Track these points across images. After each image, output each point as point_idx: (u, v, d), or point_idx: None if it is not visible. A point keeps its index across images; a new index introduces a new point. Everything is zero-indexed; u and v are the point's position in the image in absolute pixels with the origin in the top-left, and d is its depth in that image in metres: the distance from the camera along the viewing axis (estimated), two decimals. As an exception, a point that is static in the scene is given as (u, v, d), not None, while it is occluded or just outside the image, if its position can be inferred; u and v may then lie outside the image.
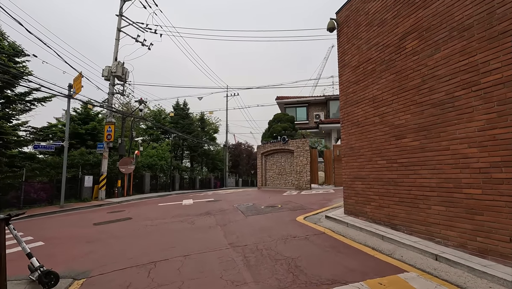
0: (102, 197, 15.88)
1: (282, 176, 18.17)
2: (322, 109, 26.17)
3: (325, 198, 9.95)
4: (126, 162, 17.55)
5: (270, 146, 18.82)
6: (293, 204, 8.92)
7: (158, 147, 24.03)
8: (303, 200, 9.81)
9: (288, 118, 22.67)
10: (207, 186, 31.04)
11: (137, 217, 8.83)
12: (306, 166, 16.48)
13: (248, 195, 14.18)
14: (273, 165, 18.89)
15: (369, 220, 5.58)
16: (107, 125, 16.29)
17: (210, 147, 34.67)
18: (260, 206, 9.10)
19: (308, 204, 8.89)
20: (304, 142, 16.78)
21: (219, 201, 11.89)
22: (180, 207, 10.77)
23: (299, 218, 6.73)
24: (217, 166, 36.25)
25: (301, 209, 7.86)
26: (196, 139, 27.87)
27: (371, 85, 5.69)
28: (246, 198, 12.51)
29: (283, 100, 26.55)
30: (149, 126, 28.37)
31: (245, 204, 9.77)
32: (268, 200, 10.87)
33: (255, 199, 11.69)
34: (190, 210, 9.63)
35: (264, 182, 19.32)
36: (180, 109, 28.90)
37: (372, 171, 5.59)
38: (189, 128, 27.88)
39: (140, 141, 20.82)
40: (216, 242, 5.05)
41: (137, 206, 12.78)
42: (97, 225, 7.92)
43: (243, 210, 8.36)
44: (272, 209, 8.15)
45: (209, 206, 10.33)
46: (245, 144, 56.02)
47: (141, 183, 19.95)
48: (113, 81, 16.86)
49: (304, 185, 16.27)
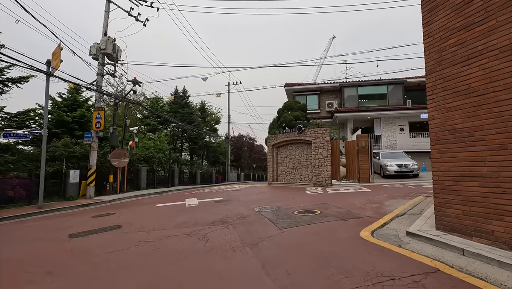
0: (91, 194, 13.68)
1: (297, 170, 16.02)
2: (335, 98, 23.95)
3: (368, 199, 7.83)
4: (119, 154, 15.32)
5: (283, 136, 16.62)
6: (334, 208, 6.78)
7: (156, 138, 21.76)
8: (341, 202, 7.68)
9: (300, 106, 20.44)
10: (208, 181, 28.91)
11: (129, 225, 6.66)
12: (327, 159, 14.33)
13: (262, 193, 12.04)
14: (286, 158, 16.72)
15: (501, 246, 3.43)
16: (95, 112, 13.98)
17: (211, 139, 32.42)
18: (289, 210, 6.96)
19: (353, 208, 6.76)
20: (324, 132, 14.59)
21: (231, 201, 9.73)
22: (183, 209, 8.61)
23: (364, 233, 4.59)
24: (219, 159, 34.09)
25: (354, 218, 5.72)
26: (197, 130, 25.59)
27: (504, 26, 3.47)
28: (262, 197, 10.37)
29: (292, 87, 24.27)
30: (145, 116, 26.01)
31: (268, 207, 7.62)
32: (293, 200, 8.74)
33: (275, 199, 9.55)
34: (197, 214, 7.47)
35: (275, 177, 17.18)
36: (179, 97, 26.51)
37: (504, 166, 3.43)
38: (189, 118, 25.58)
39: (135, 131, 18.55)
40: (255, 286, 2.91)
41: (131, 206, 10.60)
42: (74, 238, 5.77)
43: (271, 218, 6.20)
44: (312, 217, 6.00)
45: (221, 208, 8.17)
46: (246, 137, 53.87)
47: (137, 178, 17.74)
48: (103, 60, 14.48)
49: (324, 181, 14.15)
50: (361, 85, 22.86)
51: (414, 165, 14.47)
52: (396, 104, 21.58)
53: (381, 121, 20.87)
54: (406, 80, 21.80)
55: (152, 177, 19.49)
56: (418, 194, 8.30)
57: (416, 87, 22.55)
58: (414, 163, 14.59)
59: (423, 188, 9.77)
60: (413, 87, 22.52)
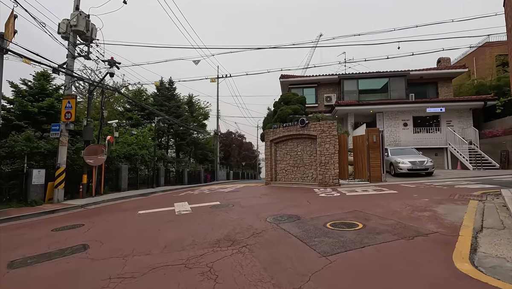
0: (59, 198, 11.54)
1: (299, 168, 14.41)
2: (334, 91, 22.53)
3: (408, 204, 6.28)
4: (94, 150, 13.18)
5: (283, 130, 14.94)
6: (377, 219, 5.16)
7: (139, 132, 19.55)
8: (376, 208, 6.08)
9: (298, 99, 18.83)
10: (196, 180, 26.89)
11: (99, 245, 4.80)
12: (334, 155, 12.79)
13: (265, 195, 10.34)
14: (287, 154, 15.07)
15: None
16: (65, 100, 11.81)
17: (199, 135, 30.32)
18: (317, 221, 5.28)
19: (400, 217, 5.17)
20: (331, 126, 13.03)
21: (231, 206, 7.96)
22: (172, 219, 6.76)
23: (462, 265, 2.98)
24: (207, 157, 32.08)
25: (419, 235, 4.10)
26: (185, 125, 23.49)
27: None
28: (267, 201, 8.67)
29: (288, 79, 22.65)
30: (128, 109, 23.64)
31: (285, 216, 5.91)
32: (310, 206, 7.08)
33: (285, 203, 7.86)
34: (192, 227, 5.67)
35: (274, 175, 15.50)
36: (164, 89, 24.29)
37: None
38: (175, 112, 23.44)
39: (115, 125, 16.34)
40: None
41: (107, 213, 8.62)
42: (14, 269, 3.91)
43: (299, 234, 4.50)
44: (356, 234, 4.34)
45: (222, 218, 6.39)
46: (235, 133, 52.00)
47: (117, 178, 15.59)
48: (74, 40, 12.27)
49: (331, 180, 12.61)
50: (362, 78, 21.53)
51: (428, 162, 13.18)
52: (398, 98, 20.38)
53: (384, 115, 19.61)
54: (409, 72, 20.64)
55: (134, 176, 17.37)
56: (464, 196, 6.83)
57: (418, 80, 21.46)
58: (428, 160, 13.30)
59: (457, 189, 8.34)
60: (415, 80, 21.42)
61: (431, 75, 21.01)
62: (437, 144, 18.33)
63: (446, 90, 21.19)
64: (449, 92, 21.15)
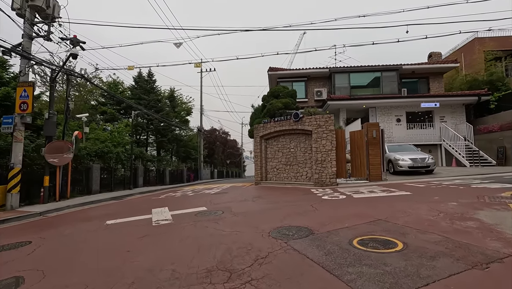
0: (14, 204, 9.75)
1: (292, 166, 13.24)
2: (324, 85, 21.56)
3: (434, 209, 5.21)
4: (59, 147, 11.42)
5: (274, 125, 13.71)
6: (415, 233, 4.03)
7: (113, 128, 17.66)
8: (404, 217, 4.96)
9: (288, 92, 17.66)
10: (179, 180, 25.22)
11: (38, 280, 3.36)
12: (331, 152, 11.72)
13: (258, 198, 9.06)
14: (278, 151, 13.86)
15: None
16: (19, 88, 9.97)
17: (181, 132, 28.53)
18: (338, 237, 4.07)
19: (440, 229, 4.08)
20: (328, 120, 11.94)
21: (220, 214, 6.62)
22: (148, 233, 5.33)
23: None
24: (190, 155, 30.38)
25: (493, 260, 2.96)
26: (166, 121, 21.73)
27: None
28: (264, 207, 7.40)
29: (277, 72, 21.43)
30: (102, 103, 21.55)
31: (294, 230, 4.66)
32: (319, 213, 5.88)
33: (285, 209, 6.63)
34: (172, 246, 4.30)
35: (264, 174, 14.26)
36: (143, 81, 22.38)
37: None
38: (155, 106, 21.62)
39: (85, 119, 14.47)
40: None
41: (66, 225, 7.04)
42: None
43: (323, 261, 3.26)
44: (404, 258, 3.16)
45: (210, 232, 5.05)
46: (219, 130, 50.44)
47: (87, 179, 13.79)
48: (32, 17, 10.41)
49: (328, 180, 11.54)
50: (353, 72, 20.68)
51: (429, 159, 12.39)
52: (390, 93, 19.70)
53: (376, 111, 18.84)
54: (401, 66, 19.99)
55: (108, 177, 15.58)
56: (495, 199, 5.85)
57: (410, 75, 20.89)
58: (429, 157, 12.51)
59: (478, 189, 7.43)
60: (407, 75, 20.84)
61: (423, 69, 20.50)
62: (431, 140, 17.77)
63: (437, 85, 20.76)
64: (440, 87, 20.73)
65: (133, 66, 14.59)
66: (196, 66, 15.26)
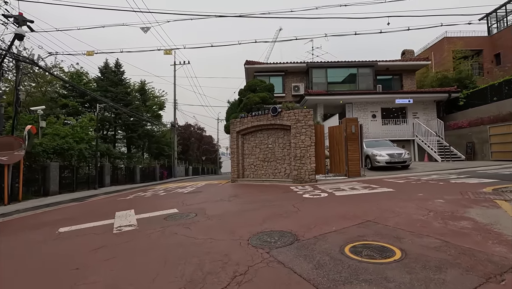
0: (-51, 210, 8.34)
1: (270, 163, 12.77)
2: (302, 80, 21.30)
3: (422, 207, 4.93)
4: (8, 144, 10.07)
5: (252, 120, 13.14)
6: (411, 237, 3.66)
7: (76, 123, 16.13)
8: (394, 217, 4.61)
9: (266, 86, 17.14)
10: (151, 178, 23.92)
11: None
12: (310, 148, 11.38)
13: (235, 198, 8.45)
14: (256, 147, 13.31)
15: None
16: (-45, 74, 8.50)
17: (154, 127, 27.08)
18: (328, 244, 3.59)
19: (434, 230, 3.75)
20: (307, 114, 11.57)
21: (193, 217, 5.94)
22: (106, 242, 4.54)
23: None
24: (163, 152, 29.01)
25: (506, 270, 2.59)
26: (135, 115, 20.34)
27: None
28: (241, 208, 6.82)
29: (254, 65, 20.84)
30: (63, 95, 19.69)
31: (276, 236, 4.13)
32: (301, 214, 5.41)
33: (266, 211, 6.10)
34: (132, 261, 3.59)
35: (241, 172, 13.67)
36: (110, 72, 20.76)
37: None
38: (124, 100, 20.16)
39: (40, 112, 12.97)
40: None
41: (10, 234, 6.00)
42: None
43: (314, 277, 2.75)
44: (406, 271, 2.73)
45: (180, 239, 4.39)
46: (194, 126, 49.06)
47: (43, 179, 12.39)
48: (-31, -8, 8.89)
49: (307, 176, 11.20)
50: (330, 67, 20.58)
51: (406, 154, 12.46)
52: (366, 89, 19.85)
53: (353, 107, 18.89)
54: (377, 63, 20.19)
55: (70, 176, 14.18)
56: (479, 195, 5.70)
57: (385, 72, 21.20)
58: (406, 152, 12.59)
59: (459, 185, 7.37)
60: (382, 72, 21.13)
61: (397, 66, 20.88)
62: (405, 136, 18.13)
63: (410, 82, 21.27)
64: (412, 84, 21.25)
65: (93, 52, 13.14)
66: (166, 53, 14.12)
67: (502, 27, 24.07)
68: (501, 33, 23.66)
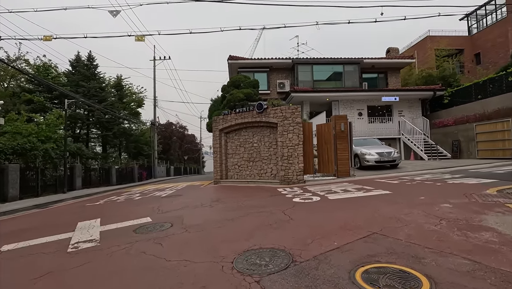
0: None
1: (255, 163, 12.03)
2: (287, 77, 20.69)
3: (430, 214, 4.37)
4: (-47, 143, 8.69)
5: (236, 117, 12.33)
6: (432, 256, 3.05)
7: (41, 120, 14.66)
8: (403, 227, 4.00)
9: (250, 82, 16.37)
10: (129, 179, 22.55)
11: None
12: (298, 147, 10.74)
13: (218, 202, 7.63)
14: (240, 146, 12.53)
15: None
16: None
17: (132, 125, 25.62)
18: (334, 269, 2.89)
19: (456, 245, 3.18)
20: (295, 112, 10.91)
21: (167, 229, 5.09)
22: (53, 267, 3.61)
23: None
24: (142, 151, 27.59)
25: None
26: (111, 112, 18.96)
27: None
28: (224, 216, 6.04)
29: (238, 61, 19.99)
30: (28, 90, 17.99)
31: (267, 257, 3.37)
32: (294, 224, 4.70)
33: (253, 220, 5.36)
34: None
35: (224, 172, 12.83)
36: (82, 66, 19.23)
37: None
38: (97, 95, 18.72)
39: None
40: None
41: None
42: None
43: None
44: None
45: (147, 263, 3.54)
46: (176, 124, 47.53)
47: (1, 183, 11.01)
48: None
49: (295, 177, 10.56)
50: (316, 63, 20.08)
51: (395, 153, 12.09)
52: (352, 87, 19.52)
53: (339, 104, 18.49)
54: (363, 60, 19.90)
55: (33, 178, 12.79)
56: (485, 197, 5.21)
57: (370, 69, 20.98)
58: (395, 151, 12.23)
59: (459, 186, 6.93)
60: (367, 70, 20.88)
61: (382, 64, 20.71)
62: (391, 134, 17.94)
63: (395, 80, 21.18)
64: (397, 82, 21.17)
65: (51, 37, 11.68)
66: (138, 39, 12.84)
67: (481, 27, 24.57)
68: (480, 33, 24.15)
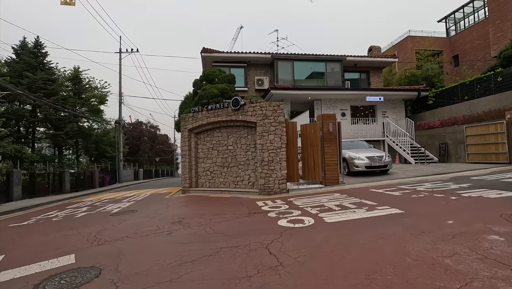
0: None
1: (230, 168, 10.32)
2: (266, 73, 19.18)
3: (487, 257, 2.95)
4: None
5: (208, 115, 10.55)
6: None
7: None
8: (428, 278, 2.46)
9: (226, 77, 14.62)
10: (88, 185, 19.83)
11: None
12: (280, 150, 9.19)
13: (179, 224, 5.83)
14: (213, 149, 10.75)
15: None
16: None
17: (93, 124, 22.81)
18: None
19: None
20: (277, 109, 9.34)
21: (90, 281, 3.24)
22: None
23: None
24: (106, 153, 24.81)
25: None
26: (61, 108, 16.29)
27: None
28: (184, 254, 4.29)
29: (212, 54, 18.16)
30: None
31: None
32: (288, 279, 3.05)
33: (223, 268, 3.70)
34: None
35: (194, 179, 10.98)
36: (28, 53, 16.40)
37: None
38: (45, 88, 16.02)
39: None
40: None
41: None
42: None
43: None
44: None
45: None
46: (147, 124, 44.53)
47: None
48: None
49: (277, 186, 9.00)
50: (298, 60, 18.75)
51: (387, 157, 10.93)
52: (335, 85, 18.40)
53: (322, 104, 17.26)
54: (345, 58, 18.86)
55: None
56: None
57: (352, 68, 20.02)
58: (386, 155, 11.07)
59: (483, 201, 5.66)
60: (349, 68, 19.91)
61: (365, 63, 19.84)
62: (375, 136, 16.99)
63: (377, 80, 20.41)
64: (379, 82, 20.42)
65: None
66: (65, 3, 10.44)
67: (459, 29, 24.64)
68: (458, 35, 24.19)
